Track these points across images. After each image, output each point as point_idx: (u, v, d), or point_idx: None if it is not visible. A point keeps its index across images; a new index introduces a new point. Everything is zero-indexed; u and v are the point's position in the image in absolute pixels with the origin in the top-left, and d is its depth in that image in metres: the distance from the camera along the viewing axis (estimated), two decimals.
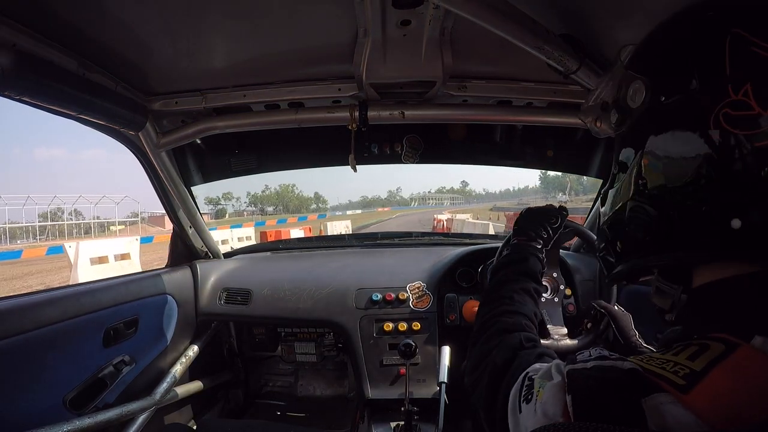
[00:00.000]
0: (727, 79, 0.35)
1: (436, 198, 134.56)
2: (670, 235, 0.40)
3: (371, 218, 34.29)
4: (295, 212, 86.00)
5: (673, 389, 0.32)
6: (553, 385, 0.39)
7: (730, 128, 0.34)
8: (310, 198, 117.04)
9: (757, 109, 0.33)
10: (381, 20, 0.79)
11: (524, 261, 0.75)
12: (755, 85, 0.34)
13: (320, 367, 1.86)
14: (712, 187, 0.36)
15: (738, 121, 0.34)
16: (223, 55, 0.95)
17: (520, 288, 0.68)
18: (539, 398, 0.39)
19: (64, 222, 33.61)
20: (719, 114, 0.35)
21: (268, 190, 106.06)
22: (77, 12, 0.73)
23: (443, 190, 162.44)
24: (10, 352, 0.87)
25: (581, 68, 0.78)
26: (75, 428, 0.92)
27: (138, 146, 1.22)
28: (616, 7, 0.66)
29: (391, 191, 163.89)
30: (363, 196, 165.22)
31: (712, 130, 0.35)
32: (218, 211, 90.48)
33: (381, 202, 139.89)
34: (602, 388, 0.36)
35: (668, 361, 0.35)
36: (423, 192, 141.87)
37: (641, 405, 0.32)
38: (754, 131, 0.33)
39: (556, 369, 0.41)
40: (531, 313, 0.64)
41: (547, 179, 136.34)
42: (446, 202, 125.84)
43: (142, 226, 32.30)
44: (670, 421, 0.31)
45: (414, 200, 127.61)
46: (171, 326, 1.38)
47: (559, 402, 0.37)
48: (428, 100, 1.14)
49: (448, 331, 1.36)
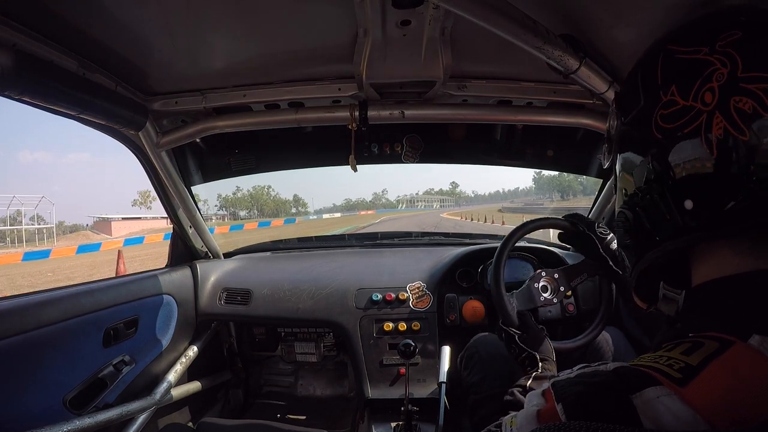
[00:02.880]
0: (659, 87, 0.42)
1: (425, 200, 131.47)
2: (646, 233, 0.45)
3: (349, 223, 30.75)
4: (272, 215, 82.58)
5: (667, 381, 0.32)
6: (526, 410, 0.41)
7: (665, 125, 0.41)
8: (288, 201, 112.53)
9: (681, 102, 0.39)
10: (381, 20, 0.79)
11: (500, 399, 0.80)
12: (678, 83, 0.40)
13: (320, 367, 1.86)
14: (662, 179, 0.41)
15: (669, 117, 0.40)
16: (223, 54, 0.95)
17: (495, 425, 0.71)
18: (514, 425, 0.42)
19: None
20: (657, 116, 0.41)
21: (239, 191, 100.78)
22: (77, 12, 0.73)
23: (432, 192, 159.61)
24: (10, 352, 0.87)
25: (581, 68, 0.78)
26: (75, 428, 0.92)
27: (138, 146, 1.22)
28: (616, 7, 0.66)
29: (376, 193, 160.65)
30: (347, 199, 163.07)
31: (654, 132, 0.42)
32: None
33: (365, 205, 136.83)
34: (590, 391, 0.36)
35: (661, 356, 0.35)
36: (411, 194, 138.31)
37: (631, 402, 0.32)
38: (681, 121, 0.39)
39: (527, 401, 0.43)
40: None
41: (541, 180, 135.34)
42: (436, 205, 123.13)
43: (83, 233, 30.59)
44: (666, 416, 0.30)
45: (401, 203, 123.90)
46: (171, 326, 1.38)
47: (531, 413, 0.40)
48: (428, 100, 1.14)
49: (448, 331, 1.36)
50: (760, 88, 0.35)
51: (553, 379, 0.41)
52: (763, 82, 0.35)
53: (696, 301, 0.42)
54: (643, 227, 0.45)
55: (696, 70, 0.39)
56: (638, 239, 0.46)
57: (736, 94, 0.36)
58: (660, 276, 0.49)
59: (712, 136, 0.37)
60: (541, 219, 1.23)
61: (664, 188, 0.41)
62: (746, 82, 0.36)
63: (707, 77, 0.38)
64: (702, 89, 0.38)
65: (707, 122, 0.37)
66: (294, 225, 36.91)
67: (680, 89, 0.40)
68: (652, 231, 0.44)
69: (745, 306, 0.37)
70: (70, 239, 29.46)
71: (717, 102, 0.37)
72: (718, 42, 0.38)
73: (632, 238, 0.47)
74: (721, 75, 0.37)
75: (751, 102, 0.35)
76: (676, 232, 0.41)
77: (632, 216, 0.46)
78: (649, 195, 0.43)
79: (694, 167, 0.38)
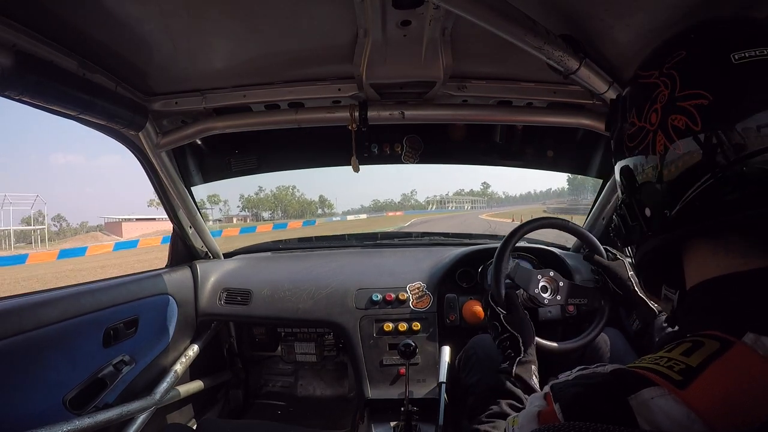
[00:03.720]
0: (626, 110, 0.47)
1: (455, 201, 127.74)
2: (625, 237, 0.49)
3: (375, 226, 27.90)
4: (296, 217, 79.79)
5: (668, 383, 0.32)
6: (528, 411, 0.43)
7: (628, 143, 0.46)
8: (314, 202, 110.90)
9: (637, 123, 0.44)
10: (381, 20, 0.79)
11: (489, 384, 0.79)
12: (636, 106, 0.45)
13: (320, 367, 1.86)
14: (630, 189, 0.47)
15: (631, 136, 0.46)
16: (223, 55, 0.95)
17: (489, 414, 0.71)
18: (515, 425, 0.44)
19: None
20: (625, 135, 0.47)
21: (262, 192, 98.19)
22: (77, 12, 0.73)
23: (462, 193, 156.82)
24: (10, 352, 0.87)
25: (581, 68, 0.78)
26: (75, 428, 0.92)
27: (138, 146, 1.22)
28: (616, 8, 0.66)
29: (405, 194, 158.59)
30: (374, 200, 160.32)
31: (624, 149, 0.47)
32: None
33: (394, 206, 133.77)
34: (587, 393, 0.36)
35: (661, 357, 0.35)
36: (441, 195, 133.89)
37: (628, 403, 0.32)
38: (637, 139, 0.44)
39: (529, 402, 0.44)
40: None
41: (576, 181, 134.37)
42: (467, 206, 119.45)
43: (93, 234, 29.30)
44: (660, 417, 0.30)
45: (431, 204, 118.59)
46: (171, 326, 1.38)
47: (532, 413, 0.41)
48: (428, 101, 1.14)
49: (448, 332, 1.36)
50: (692, 104, 0.38)
51: (551, 382, 0.42)
52: (695, 98, 0.38)
53: (692, 301, 0.43)
54: (621, 232, 0.50)
55: (647, 92, 0.43)
56: (624, 242, 0.51)
57: (674, 113, 0.39)
58: (660, 278, 0.51)
59: (656, 152, 0.41)
60: (542, 219, 1.23)
61: (631, 198, 0.46)
62: (682, 101, 0.39)
63: (654, 99, 0.42)
64: (650, 110, 0.42)
65: (653, 140, 0.41)
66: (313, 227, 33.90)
67: (637, 111, 0.45)
68: (628, 235, 0.49)
69: (738, 305, 0.37)
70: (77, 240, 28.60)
71: (659, 121, 0.41)
72: (665, 64, 0.42)
73: (620, 241, 0.52)
74: (663, 96, 0.41)
75: (684, 119, 0.38)
76: (643, 237, 0.46)
77: (618, 221, 0.51)
78: (623, 203, 0.49)
79: (647, 179, 0.43)
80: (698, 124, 0.37)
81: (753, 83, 0.37)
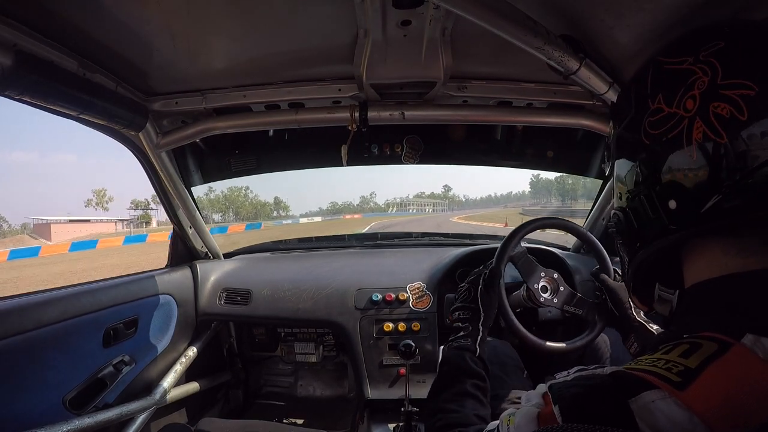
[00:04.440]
0: (647, 96, 0.45)
1: (416, 204, 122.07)
2: (635, 234, 0.47)
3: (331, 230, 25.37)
4: (250, 219, 75.07)
5: (667, 386, 0.32)
6: (526, 411, 0.42)
7: (652, 131, 0.44)
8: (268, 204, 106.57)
9: (666, 109, 0.42)
10: (381, 20, 0.79)
11: (451, 361, 0.78)
12: (664, 91, 0.43)
13: (320, 368, 1.86)
14: (649, 181, 0.44)
15: (655, 123, 0.43)
16: (223, 55, 0.95)
17: (454, 393, 0.69)
18: (511, 424, 0.43)
19: None
20: (645, 123, 0.45)
21: (212, 193, 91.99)
22: (78, 12, 0.73)
23: (423, 195, 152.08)
24: (10, 351, 0.87)
25: (581, 69, 0.78)
26: (74, 428, 0.92)
27: (138, 147, 1.22)
28: (617, 8, 0.66)
29: (364, 197, 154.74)
30: (333, 202, 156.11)
31: (643, 138, 0.45)
32: (142, 216, 70.89)
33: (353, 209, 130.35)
34: (587, 394, 0.36)
35: (659, 359, 0.35)
36: (401, 197, 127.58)
37: (629, 406, 0.32)
38: (666, 126, 0.42)
39: (525, 399, 0.43)
40: (471, 414, 0.65)
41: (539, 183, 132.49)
42: (428, 209, 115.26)
43: (18, 238, 24.18)
44: (662, 420, 0.30)
45: (391, 206, 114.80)
46: (171, 326, 1.38)
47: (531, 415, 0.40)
48: (428, 101, 1.14)
49: (447, 332, 1.36)
50: (738, 94, 0.37)
51: (549, 382, 0.41)
52: (741, 88, 0.37)
53: (690, 301, 0.43)
54: (632, 227, 0.48)
55: (680, 79, 0.42)
56: (630, 239, 0.49)
57: (715, 101, 0.38)
58: (655, 277, 0.50)
59: (693, 141, 0.39)
60: (542, 219, 1.23)
61: (650, 190, 0.44)
62: (725, 89, 0.37)
63: (689, 85, 0.40)
64: (684, 97, 0.40)
65: (688, 127, 0.40)
66: (258, 231, 31.00)
67: (665, 97, 0.43)
68: (640, 231, 0.46)
69: (738, 306, 0.37)
70: None
71: (698, 108, 0.39)
72: (701, 52, 0.41)
73: (624, 239, 0.50)
74: (702, 83, 0.39)
75: (728, 107, 0.37)
76: (662, 231, 0.43)
77: (623, 217, 0.49)
78: (638, 197, 0.46)
79: (676, 169, 0.41)
80: (744, 114, 0.36)
81: None
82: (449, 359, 0.78)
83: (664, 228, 0.43)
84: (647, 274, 0.50)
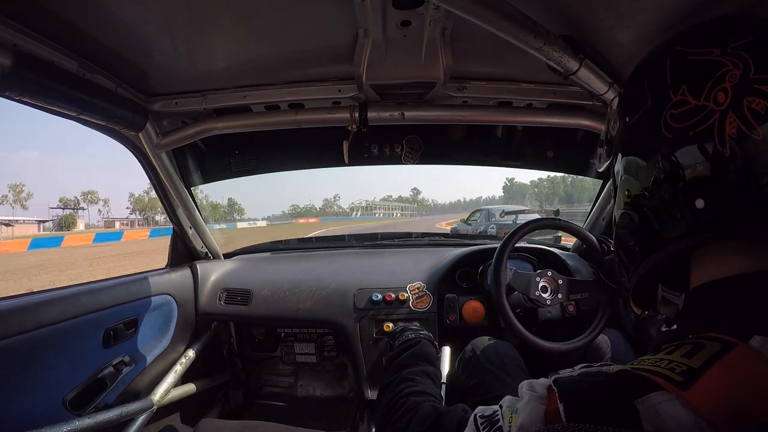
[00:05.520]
0: (668, 87, 0.42)
1: (383, 207, 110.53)
2: (652, 234, 0.44)
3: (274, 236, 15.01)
4: None
5: (670, 386, 0.31)
6: (527, 402, 0.40)
7: (675, 124, 0.41)
8: (221, 206, 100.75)
9: (693, 102, 0.40)
10: (381, 20, 0.79)
11: (417, 344, 0.82)
12: (689, 83, 0.41)
13: (320, 368, 1.86)
14: (672, 178, 0.41)
15: (680, 116, 0.41)
16: (223, 55, 0.95)
17: (420, 371, 0.72)
18: (513, 423, 0.40)
19: None
20: (666, 116, 0.42)
21: (152, 190, 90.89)
22: (78, 12, 0.73)
23: (390, 199, 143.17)
24: (10, 352, 0.86)
25: (581, 69, 0.78)
26: (74, 429, 0.92)
27: (138, 147, 1.22)
28: (617, 9, 0.66)
29: (327, 200, 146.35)
30: (294, 205, 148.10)
31: (664, 131, 0.42)
32: (65, 218, 62.43)
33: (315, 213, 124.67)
34: (593, 392, 0.35)
35: (662, 359, 0.35)
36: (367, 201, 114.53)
37: (635, 406, 0.31)
38: (693, 120, 0.39)
39: (528, 388, 0.41)
40: (436, 393, 0.67)
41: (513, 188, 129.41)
42: (396, 213, 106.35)
43: None
44: (668, 423, 0.30)
45: (355, 210, 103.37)
46: (171, 326, 1.38)
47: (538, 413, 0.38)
48: (428, 101, 1.14)
49: (447, 332, 1.36)
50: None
51: (553, 376, 0.40)
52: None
53: (697, 302, 0.42)
54: (649, 228, 0.44)
55: (708, 70, 0.39)
56: (643, 241, 0.46)
57: (750, 95, 0.36)
58: (658, 279, 0.48)
59: (725, 135, 0.37)
60: (543, 219, 1.23)
61: (674, 188, 0.41)
62: (759, 84, 0.36)
63: (719, 78, 0.38)
64: (714, 89, 0.38)
65: (720, 121, 0.37)
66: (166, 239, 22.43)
67: (691, 89, 0.40)
68: (659, 232, 0.43)
69: (747, 307, 0.36)
70: None
71: (730, 102, 0.37)
72: (729, 44, 0.39)
73: (636, 240, 0.47)
74: (733, 76, 0.38)
75: (763, 102, 0.36)
76: (687, 231, 0.40)
77: (638, 217, 0.45)
78: (658, 195, 0.42)
79: (706, 166, 0.38)
80: None
81: None
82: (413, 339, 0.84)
83: (689, 228, 0.40)
84: (652, 275, 0.47)
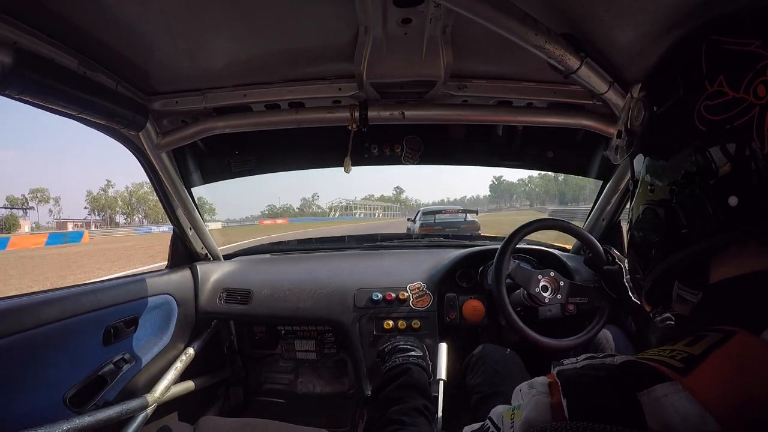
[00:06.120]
0: (703, 77, 0.40)
1: (364, 207, 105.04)
2: (679, 231, 0.42)
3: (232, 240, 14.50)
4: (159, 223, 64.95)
5: (670, 371, 0.31)
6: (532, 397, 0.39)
7: (710, 116, 0.39)
8: None
9: (731, 94, 0.38)
10: (382, 18, 0.79)
11: (405, 373, 0.74)
12: (727, 74, 0.39)
13: (320, 365, 1.87)
14: (704, 173, 0.40)
15: (716, 108, 0.39)
16: (223, 54, 0.95)
17: (410, 408, 0.67)
18: (517, 418, 0.39)
19: None
20: (701, 107, 0.40)
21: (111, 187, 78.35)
22: (78, 11, 0.73)
23: (372, 198, 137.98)
24: (10, 350, 0.87)
25: (582, 68, 0.78)
26: (75, 426, 0.92)
27: (138, 147, 1.22)
28: (618, 8, 0.65)
29: (305, 199, 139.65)
30: (270, 205, 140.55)
31: (697, 123, 0.40)
32: (5, 219, 53.45)
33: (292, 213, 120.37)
34: (596, 385, 0.35)
35: (665, 349, 0.35)
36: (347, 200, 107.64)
37: (637, 399, 0.31)
38: (731, 113, 0.38)
39: (528, 387, 0.41)
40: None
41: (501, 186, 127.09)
42: (378, 213, 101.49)
43: None
44: (673, 416, 0.30)
45: (333, 210, 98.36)
46: (171, 325, 1.38)
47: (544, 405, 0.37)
48: (428, 100, 1.14)
49: (447, 330, 1.37)
50: None
51: (557, 368, 0.40)
52: None
53: (711, 298, 0.41)
54: (677, 224, 0.42)
55: (748, 62, 0.38)
56: (667, 237, 0.44)
57: None
58: (674, 276, 0.47)
59: (764, 131, 0.36)
60: (542, 220, 1.23)
61: (706, 183, 0.39)
62: None
63: (760, 70, 0.37)
64: (755, 82, 0.37)
65: (760, 115, 0.36)
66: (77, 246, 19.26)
67: (729, 80, 0.39)
68: (686, 228, 0.42)
69: (763, 301, 0.36)
70: None
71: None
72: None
73: (660, 237, 0.45)
74: None
75: None
76: (719, 228, 0.39)
77: (663, 213, 0.44)
78: (689, 190, 0.41)
79: (742, 161, 0.37)
80: None
81: None
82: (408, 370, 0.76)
83: (720, 226, 0.39)
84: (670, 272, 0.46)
